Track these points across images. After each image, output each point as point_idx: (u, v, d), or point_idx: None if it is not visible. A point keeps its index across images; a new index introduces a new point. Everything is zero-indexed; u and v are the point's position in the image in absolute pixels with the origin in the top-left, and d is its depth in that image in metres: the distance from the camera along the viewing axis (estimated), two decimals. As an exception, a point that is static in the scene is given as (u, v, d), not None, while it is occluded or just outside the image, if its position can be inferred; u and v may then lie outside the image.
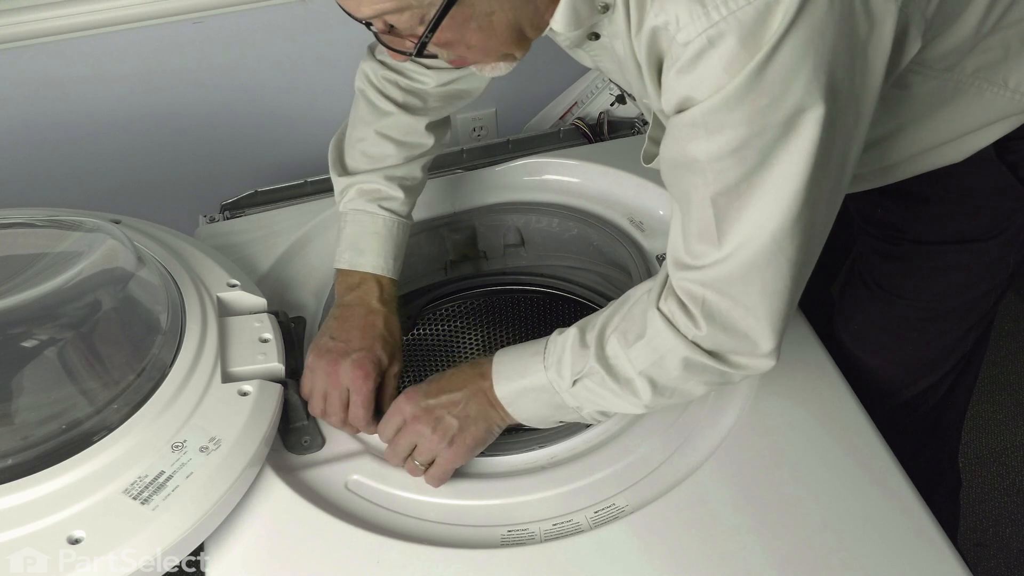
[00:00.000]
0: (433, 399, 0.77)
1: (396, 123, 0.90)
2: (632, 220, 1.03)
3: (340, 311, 0.86)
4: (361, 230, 0.89)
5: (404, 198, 0.90)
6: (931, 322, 0.90)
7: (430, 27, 0.62)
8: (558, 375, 0.73)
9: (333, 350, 0.82)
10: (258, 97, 1.34)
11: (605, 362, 0.71)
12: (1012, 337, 1.75)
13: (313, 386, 0.80)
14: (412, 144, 0.91)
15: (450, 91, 0.91)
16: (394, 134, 0.90)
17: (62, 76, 1.23)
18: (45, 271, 0.75)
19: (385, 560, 0.69)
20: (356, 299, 0.86)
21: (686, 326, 0.67)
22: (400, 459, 0.76)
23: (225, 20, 1.24)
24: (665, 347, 0.68)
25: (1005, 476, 1.54)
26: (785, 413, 0.79)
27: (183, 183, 1.39)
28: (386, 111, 0.90)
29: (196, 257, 0.88)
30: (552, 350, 0.74)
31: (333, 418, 0.80)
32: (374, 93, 0.90)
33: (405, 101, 0.90)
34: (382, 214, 0.89)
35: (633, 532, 0.71)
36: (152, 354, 0.74)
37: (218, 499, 0.68)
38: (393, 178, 0.89)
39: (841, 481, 0.74)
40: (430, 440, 0.75)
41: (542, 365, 0.74)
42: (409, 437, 0.76)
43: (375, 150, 0.90)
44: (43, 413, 0.69)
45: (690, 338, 0.67)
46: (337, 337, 0.83)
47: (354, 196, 0.90)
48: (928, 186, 0.81)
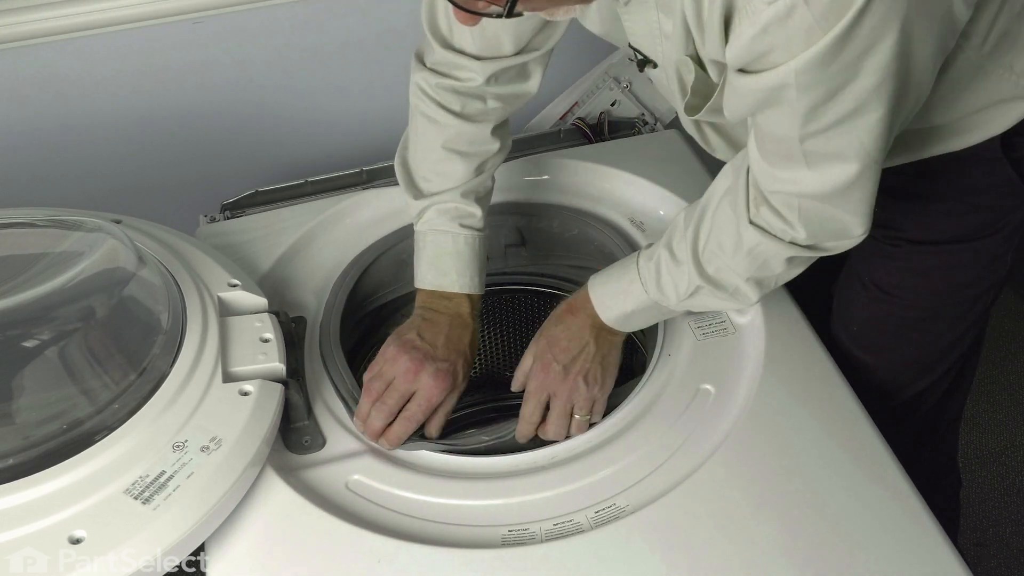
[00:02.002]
0: (567, 357, 0.82)
1: (460, 135, 0.88)
2: (632, 220, 1.03)
3: (430, 314, 0.87)
4: (441, 251, 0.88)
5: (480, 212, 0.90)
6: (930, 321, 0.90)
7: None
8: (661, 294, 0.79)
9: (420, 349, 0.83)
10: (258, 97, 1.34)
11: (708, 277, 0.76)
12: (1012, 337, 1.75)
13: (382, 372, 0.82)
14: (480, 153, 0.90)
15: (506, 92, 0.89)
16: (461, 147, 0.89)
17: (62, 76, 1.23)
18: (46, 271, 0.75)
19: (385, 560, 0.69)
20: (446, 308, 0.87)
21: (783, 231, 0.71)
22: (565, 428, 0.81)
23: (225, 20, 1.23)
24: (768, 253, 0.72)
25: (1005, 476, 1.54)
26: (785, 413, 0.79)
27: (183, 183, 1.39)
28: (447, 124, 0.88)
29: (197, 257, 0.88)
30: (647, 275, 0.80)
31: (382, 408, 0.80)
32: (432, 107, 0.88)
33: (464, 109, 0.88)
34: (463, 232, 0.88)
35: (634, 532, 0.71)
36: (153, 354, 0.74)
37: (219, 499, 0.68)
38: (468, 193, 0.89)
39: (841, 481, 0.74)
40: (586, 395, 0.81)
41: (642, 288, 0.80)
42: (565, 404, 0.81)
43: (445, 167, 0.89)
44: (44, 413, 0.69)
45: (788, 240, 0.71)
46: (425, 339, 0.84)
47: (432, 217, 0.89)
48: (928, 184, 0.81)
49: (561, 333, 0.84)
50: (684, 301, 0.79)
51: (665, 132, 1.16)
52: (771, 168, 0.68)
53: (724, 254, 0.75)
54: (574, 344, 0.82)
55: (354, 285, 0.97)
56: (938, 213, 0.84)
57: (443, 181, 0.89)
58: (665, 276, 0.79)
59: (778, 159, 0.67)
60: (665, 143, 1.13)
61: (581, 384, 0.81)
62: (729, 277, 0.76)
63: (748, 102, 0.63)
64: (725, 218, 0.74)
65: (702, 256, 0.76)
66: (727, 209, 0.74)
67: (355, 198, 1.05)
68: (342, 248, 1.01)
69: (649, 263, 0.80)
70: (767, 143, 0.67)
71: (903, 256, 0.87)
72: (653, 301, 0.80)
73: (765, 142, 0.67)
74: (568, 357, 0.82)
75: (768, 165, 0.68)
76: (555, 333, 0.84)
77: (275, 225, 1.02)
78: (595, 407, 0.82)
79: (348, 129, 1.42)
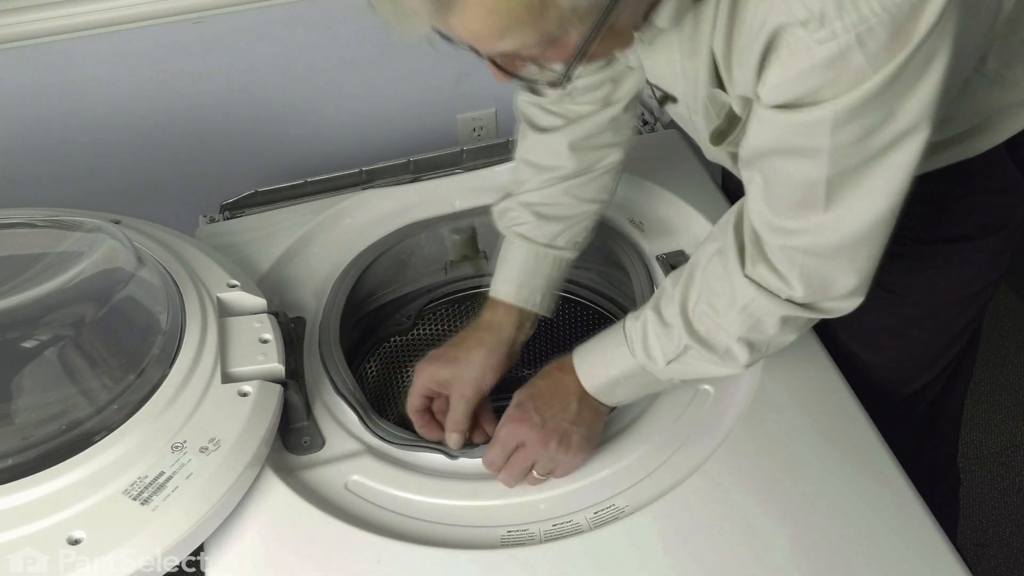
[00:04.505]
0: (546, 413, 0.77)
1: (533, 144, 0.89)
2: (632, 220, 1.03)
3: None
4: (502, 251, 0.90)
5: (535, 222, 0.88)
6: (931, 319, 0.90)
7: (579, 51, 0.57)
8: (648, 358, 0.74)
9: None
10: (258, 97, 1.34)
11: (697, 336, 0.72)
12: (1012, 337, 1.74)
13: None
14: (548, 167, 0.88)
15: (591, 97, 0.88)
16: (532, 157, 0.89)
17: (62, 76, 1.23)
18: (45, 271, 0.75)
19: (385, 560, 0.69)
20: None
21: (779, 287, 0.67)
22: (519, 479, 0.77)
23: (225, 20, 1.24)
24: (763, 310, 0.69)
25: (1005, 476, 1.54)
26: (784, 413, 0.79)
27: (183, 183, 1.39)
28: (523, 133, 0.90)
29: (196, 257, 0.88)
30: (634, 336, 0.75)
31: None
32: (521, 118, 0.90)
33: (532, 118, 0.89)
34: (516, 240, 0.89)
35: (633, 533, 0.71)
36: (152, 354, 0.74)
37: (218, 499, 0.68)
38: (526, 204, 0.88)
39: (841, 481, 0.74)
40: (555, 454, 0.75)
41: (628, 352, 0.75)
42: (529, 458, 0.76)
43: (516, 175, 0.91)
44: (43, 413, 0.69)
45: (784, 298, 0.68)
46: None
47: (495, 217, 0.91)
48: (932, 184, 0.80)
49: (546, 386, 0.80)
50: (672, 364, 0.74)
51: (665, 132, 1.16)
52: (780, 220, 0.65)
53: (715, 312, 0.71)
54: (556, 399, 0.78)
55: (353, 285, 0.97)
56: (942, 212, 0.84)
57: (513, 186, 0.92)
58: (652, 338, 0.74)
59: (791, 208, 0.64)
60: (665, 143, 1.13)
61: (553, 445, 0.75)
62: (720, 336, 0.71)
63: (776, 135, 0.61)
64: (716, 276, 0.71)
65: (692, 314, 0.72)
66: (718, 267, 0.71)
67: (355, 198, 1.05)
68: (341, 248, 1.01)
69: (636, 323, 0.76)
70: (781, 190, 0.64)
71: (905, 255, 0.87)
72: (639, 366, 0.75)
73: (778, 190, 0.64)
74: (549, 411, 0.77)
75: (776, 216, 0.65)
76: (540, 386, 0.80)
77: (274, 225, 1.02)
78: (556, 471, 0.77)
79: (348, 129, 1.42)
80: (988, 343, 0.99)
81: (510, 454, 0.76)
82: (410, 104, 1.42)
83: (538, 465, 0.76)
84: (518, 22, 0.52)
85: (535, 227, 0.88)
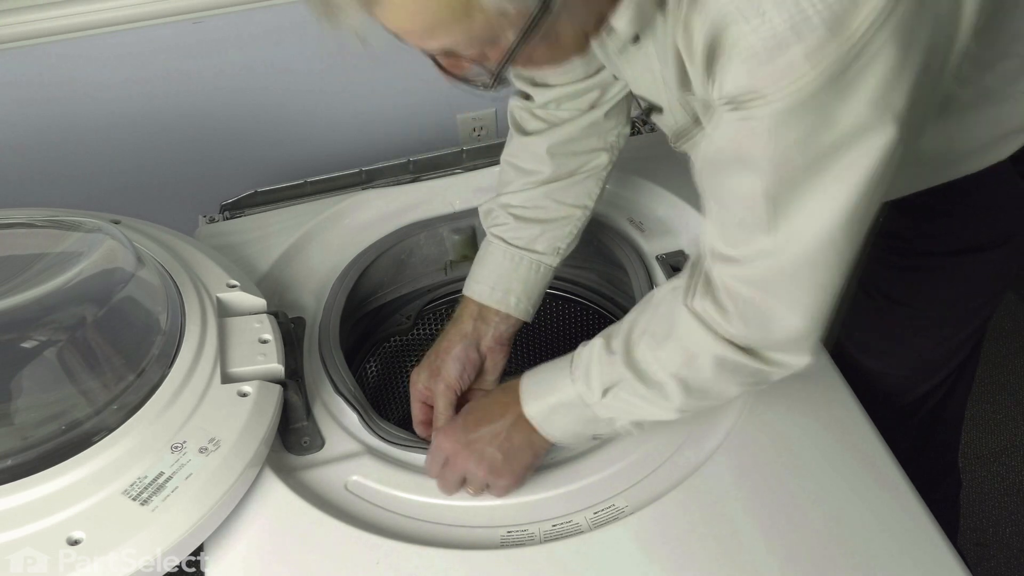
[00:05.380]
0: (473, 433, 0.75)
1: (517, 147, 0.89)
2: (632, 220, 1.03)
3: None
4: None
5: (514, 223, 0.88)
6: (936, 328, 0.90)
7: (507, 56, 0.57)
8: (587, 387, 0.71)
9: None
10: (258, 97, 1.34)
11: (634, 367, 0.68)
12: (1012, 337, 1.75)
13: None
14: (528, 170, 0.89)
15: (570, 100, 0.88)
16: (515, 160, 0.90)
17: (62, 76, 1.23)
18: (45, 271, 0.75)
19: (385, 561, 0.69)
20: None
21: (718, 323, 0.64)
22: (454, 490, 0.76)
23: (225, 20, 1.24)
24: (697, 346, 0.66)
25: (1005, 476, 1.54)
26: (785, 413, 0.79)
27: (183, 183, 1.39)
28: (510, 136, 0.90)
29: (196, 257, 0.88)
30: (579, 363, 0.72)
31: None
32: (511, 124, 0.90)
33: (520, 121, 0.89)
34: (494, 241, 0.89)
35: (633, 533, 0.71)
36: (152, 355, 0.74)
37: (218, 500, 0.68)
38: (506, 206, 0.89)
39: (842, 482, 0.74)
40: (477, 474, 0.74)
41: (569, 379, 0.72)
42: (456, 473, 0.75)
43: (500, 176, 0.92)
44: (43, 414, 0.69)
45: (723, 335, 0.64)
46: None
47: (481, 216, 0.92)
48: (939, 199, 0.80)
49: (487, 404, 0.78)
50: (606, 396, 0.70)
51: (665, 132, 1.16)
52: (728, 247, 0.62)
53: (654, 341, 0.68)
54: (489, 419, 0.76)
55: (353, 286, 0.97)
56: (947, 225, 0.83)
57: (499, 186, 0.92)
58: (595, 364, 0.70)
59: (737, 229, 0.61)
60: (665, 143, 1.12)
61: (473, 466, 0.73)
62: (655, 369, 0.68)
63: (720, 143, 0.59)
64: (667, 306, 0.69)
65: (634, 343, 0.69)
66: (668, 296, 0.69)
67: (354, 198, 1.05)
68: (341, 248, 1.01)
69: (584, 348, 0.73)
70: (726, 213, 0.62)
71: (910, 266, 0.87)
72: (576, 395, 0.71)
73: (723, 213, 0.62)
74: (477, 430, 0.75)
75: (725, 244, 0.62)
76: (483, 402, 0.79)
77: (274, 225, 1.02)
78: (490, 491, 0.75)
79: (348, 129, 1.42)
80: (988, 343, 0.99)
81: (442, 463, 0.76)
82: (410, 104, 1.42)
83: (469, 482, 0.75)
84: (442, 21, 0.52)
85: (513, 229, 0.88)
